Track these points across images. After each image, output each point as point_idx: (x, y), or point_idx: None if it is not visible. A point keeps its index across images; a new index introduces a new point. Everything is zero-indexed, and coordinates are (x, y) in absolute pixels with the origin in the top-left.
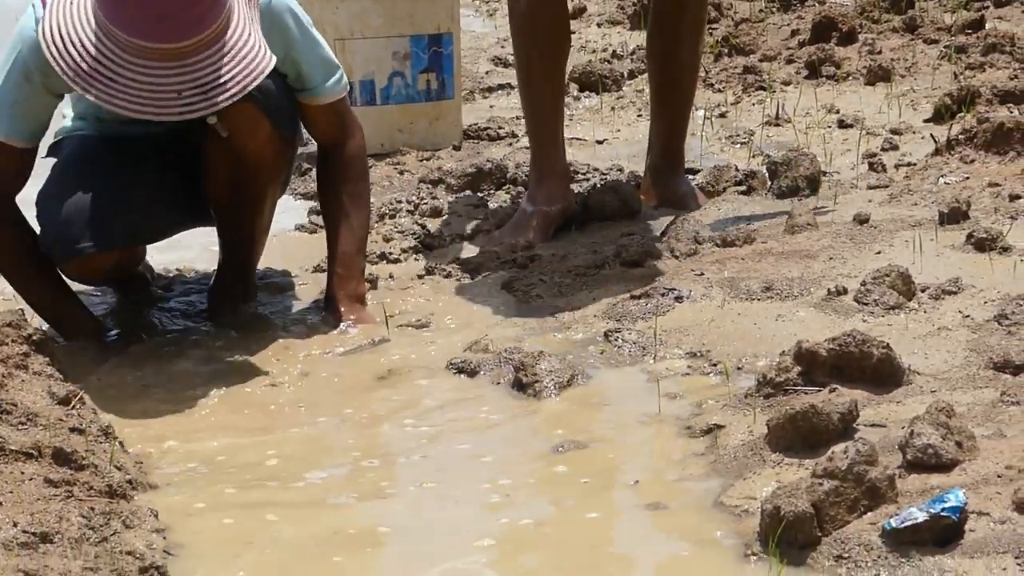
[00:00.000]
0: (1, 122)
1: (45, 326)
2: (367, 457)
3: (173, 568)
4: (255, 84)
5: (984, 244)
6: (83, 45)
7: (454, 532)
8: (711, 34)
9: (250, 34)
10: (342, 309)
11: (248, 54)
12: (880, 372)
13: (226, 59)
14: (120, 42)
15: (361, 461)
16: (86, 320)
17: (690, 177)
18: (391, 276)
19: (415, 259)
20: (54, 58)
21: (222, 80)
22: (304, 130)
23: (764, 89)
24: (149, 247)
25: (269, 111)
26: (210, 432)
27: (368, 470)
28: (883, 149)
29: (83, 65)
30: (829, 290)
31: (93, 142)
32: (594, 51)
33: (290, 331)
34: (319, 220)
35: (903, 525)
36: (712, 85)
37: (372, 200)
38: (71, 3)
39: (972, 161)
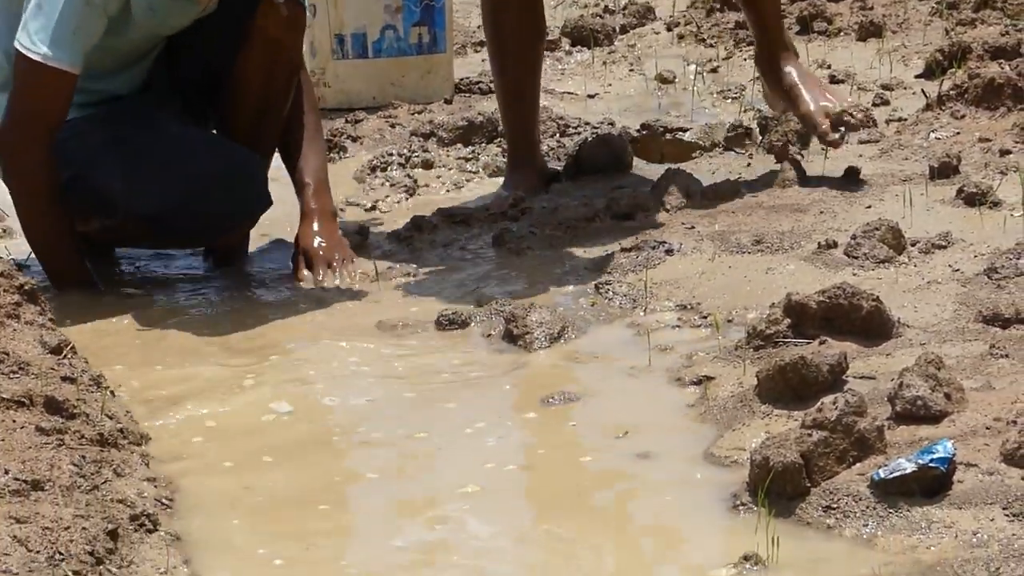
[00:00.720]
0: (64, 50)
1: (37, 277)
2: (355, 406)
3: (164, 516)
4: None
5: (974, 199)
6: None
7: (440, 479)
8: None
9: None
10: (316, 227)
11: None
12: (870, 324)
13: None
14: None
15: (349, 409)
16: (86, 274)
17: (680, 134)
18: (381, 227)
19: (406, 212)
20: None
21: None
22: None
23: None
24: None
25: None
26: (201, 383)
27: (356, 418)
28: (874, 104)
29: None
30: (819, 243)
31: (111, 117)
32: (586, 5)
33: (282, 276)
34: None
35: (892, 476)
36: (704, 40)
37: (363, 153)
38: None
39: (963, 116)
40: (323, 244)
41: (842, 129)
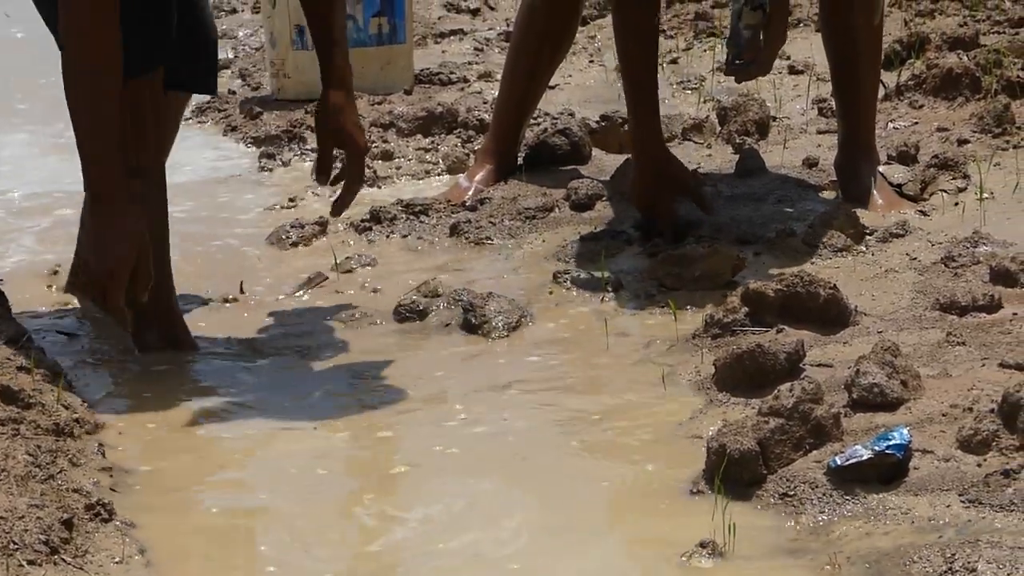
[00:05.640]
0: None
1: None
2: (314, 392)
3: (120, 504)
4: None
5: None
6: None
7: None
8: None
9: None
10: (344, 101)
11: None
12: (827, 313)
13: None
14: None
15: (309, 396)
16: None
17: None
18: (340, 217)
19: (365, 202)
20: None
21: None
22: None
23: (715, 35)
24: None
25: None
26: (159, 379)
27: (314, 404)
28: (833, 95)
29: None
30: (777, 232)
31: None
32: None
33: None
34: (270, 163)
35: (848, 463)
36: (664, 31)
37: None
38: None
39: (921, 106)
40: (356, 127)
41: None
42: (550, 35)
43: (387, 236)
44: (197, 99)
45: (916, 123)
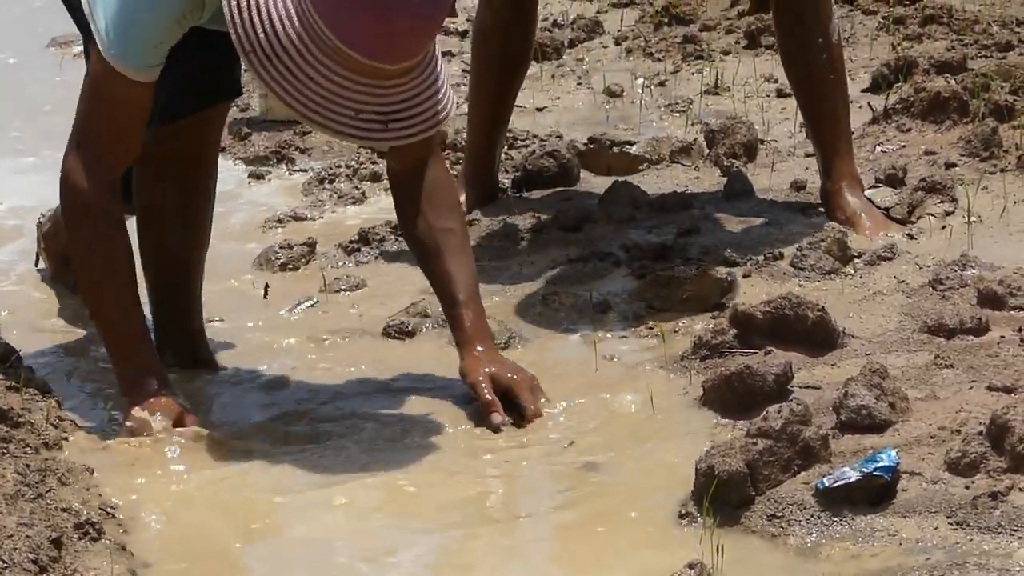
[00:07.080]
0: (134, 50)
1: None
2: (302, 414)
3: (108, 525)
4: (436, 128)
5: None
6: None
7: (366, 475)
8: (651, 3)
9: (440, 68)
10: (484, 354)
11: (438, 92)
12: (815, 335)
13: (418, 91)
14: (323, 45)
15: (297, 418)
16: (161, 375)
17: (627, 147)
18: (329, 239)
19: (353, 222)
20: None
21: (409, 114)
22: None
23: (703, 58)
24: None
25: None
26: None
27: (301, 427)
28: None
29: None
30: (765, 255)
31: None
32: None
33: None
34: (258, 183)
35: (836, 484)
36: (652, 54)
37: (313, 164)
38: None
39: (909, 130)
40: (511, 374)
41: None
42: (505, 60)
43: (376, 257)
44: None
45: (904, 146)
